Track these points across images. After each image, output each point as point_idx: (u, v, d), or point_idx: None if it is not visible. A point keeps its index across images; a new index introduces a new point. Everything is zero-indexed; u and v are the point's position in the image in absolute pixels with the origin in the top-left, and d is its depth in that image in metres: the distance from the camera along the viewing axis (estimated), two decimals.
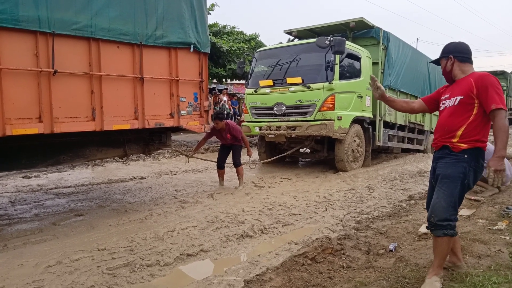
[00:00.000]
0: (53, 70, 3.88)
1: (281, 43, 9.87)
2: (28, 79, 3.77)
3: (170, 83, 5.05)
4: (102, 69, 4.31)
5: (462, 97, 2.61)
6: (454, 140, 2.60)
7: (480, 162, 2.60)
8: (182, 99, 5.17)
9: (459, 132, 2.59)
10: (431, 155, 10.81)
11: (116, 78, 4.47)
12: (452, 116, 2.66)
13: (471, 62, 2.75)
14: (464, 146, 2.57)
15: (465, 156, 2.56)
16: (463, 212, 4.65)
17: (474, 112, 2.57)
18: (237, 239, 4.10)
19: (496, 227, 3.87)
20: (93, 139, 4.93)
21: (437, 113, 2.91)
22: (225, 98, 17.14)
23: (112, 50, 4.41)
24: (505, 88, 22.74)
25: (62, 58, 3.97)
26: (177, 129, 5.58)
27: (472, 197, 5.28)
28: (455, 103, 2.65)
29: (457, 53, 2.73)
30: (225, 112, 15.85)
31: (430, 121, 11.49)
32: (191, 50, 5.17)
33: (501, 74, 23.45)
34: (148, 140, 5.71)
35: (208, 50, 5.42)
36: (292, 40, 9.87)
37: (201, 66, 5.38)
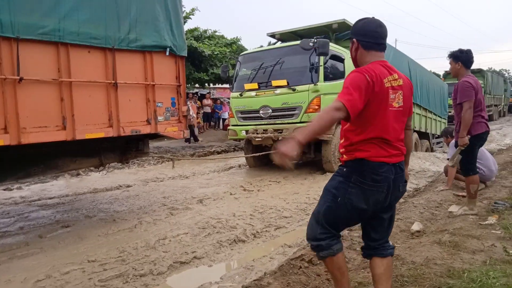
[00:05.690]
0: (18, 78, 3.62)
1: (261, 46, 9.87)
2: None
3: (146, 88, 4.86)
4: (72, 75, 4.09)
5: None
6: (342, 150, 2.20)
7: (370, 177, 2.03)
8: (159, 104, 4.99)
9: (341, 140, 2.21)
10: (418, 154, 10.73)
11: (87, 84, 4.27)
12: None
13: (378, 49, 2.14)
14: (344, 157, 2.16)
15: (345, 169, 2.14)
16: (452, 208, 4.71)
17: None
18: (230, 244, 4.05)
19: (486, 222, 3.93)
20: (66, 148, 4.64)
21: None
22: (190, 103, 16.10)
23: (83, 55, 4.20)
24: (482, 85, 23.33)
25: (29, 64, 3.72)
26: (155, 136, 5.37)
27: (460, 194, 5.37)
28: None
29: (361, 36, 2.14)
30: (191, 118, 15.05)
31: (425, 123, 11.56)
32: (167, 53, 4.99)
33: (478, 72, 24.07)
34: (125, 148, 5.47)
35: (185, 54, 5.26)
36: (276, 43, 9.88)
37: (178, 70, 5.21)
